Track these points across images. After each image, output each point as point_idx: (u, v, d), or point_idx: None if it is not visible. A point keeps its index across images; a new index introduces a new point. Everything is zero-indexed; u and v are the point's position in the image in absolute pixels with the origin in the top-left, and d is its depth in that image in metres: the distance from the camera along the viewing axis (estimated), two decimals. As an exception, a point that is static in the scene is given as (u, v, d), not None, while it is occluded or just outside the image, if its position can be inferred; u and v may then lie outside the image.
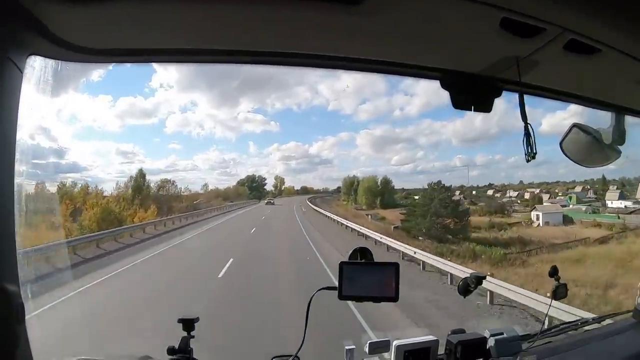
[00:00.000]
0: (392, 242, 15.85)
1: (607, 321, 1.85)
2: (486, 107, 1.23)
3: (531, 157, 1.10)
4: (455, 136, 51.31)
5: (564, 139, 1.38)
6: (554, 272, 1.56)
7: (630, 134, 1.38)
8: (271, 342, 5.85)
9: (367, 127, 63.60)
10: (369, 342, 1.35)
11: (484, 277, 1.53)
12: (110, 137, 55.42)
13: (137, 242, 18.83)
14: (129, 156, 53.00)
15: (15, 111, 0.85)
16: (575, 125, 1.36)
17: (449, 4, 0.86)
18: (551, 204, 32.31)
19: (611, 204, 29.74)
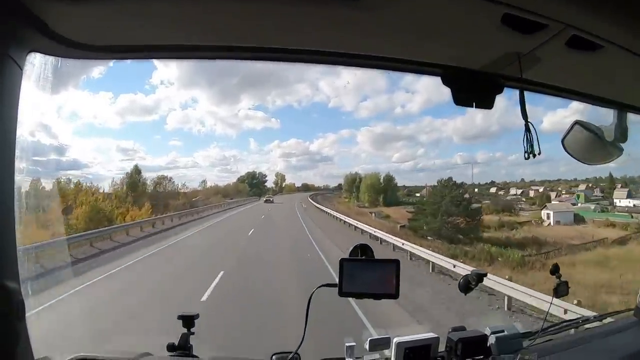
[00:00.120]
0: (406, 244, 14.04)
1: (608, 319, 1.86)
2: (487, 103, 1.23)
3: (531, 154, 1.10)
4: (456, 134, 51.54)
5: (565, 136, 1.38)
6: (555, 269, 1.57)
7: (632, 131, 1.38)
8: None
9: (367, 124, 64.11)
10: (370, 339, 1.36)
11: (485, 275, 1.54)
12: (110, 134, 55.38)
13: (108, 249, 15.31)
14: (129, 153, 52.58)
15: (15, 108, 0.86)
16: (577, 122, 1.36)
17: None
18: (559, 202, 31.69)
19: (619, 202, 29.43)
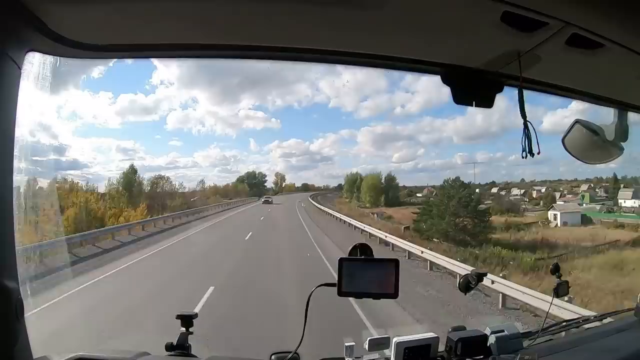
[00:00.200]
0: (426, 252, 12.35)
1: (608, 319, 1.86)
2: (487, 102, 1.24)
3: (529, 154, 1.10)
4: (456, 134, 51.77)
5: (566, 135, 1.38)
6: (555, 269, 1.58)
7: (633, 130, 1.39)
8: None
9: (368, 124, 64.62)
10: (369, 338, 1.36)
11: (485, 274, 1.54)
12: (110, 133, 55.17)
13: (86, 257, 12.91)
14: (129, 153, 53.21)
15: (13, 108, 0.87)
16: (577, 121, 1.36)
17: None
18: (564, 202, 30.96)
19: (624, 202, 28.90)
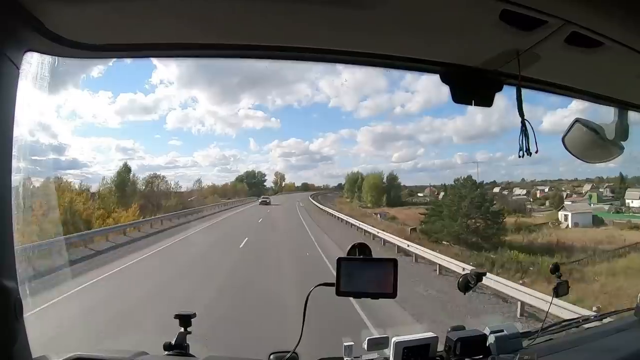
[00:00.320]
0: (452, 262, 11.18)
1: (608, 319, 1.87)
2: (487, 101, 1.25)
3: (527, 153, 1.11)
4: (456, 133, 51.65)
5: (566, 134, 1.39)
6: (555, 269, 1.59)
7: (633, 130, 1.40)
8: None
9: (367, 123, 64.50)
10: (368, 338, 1.37)
11: (484, 274, 1.55)
12: (110, 133, 54.90)
13: (56, 267, 9.55)
14: (129, 152, 52.95)
15: (12, 108, 0.88)
16: (577, 120, 1.37)
17: None
18: (572, 202, 30.09)
19: (632, 203, 28.35)
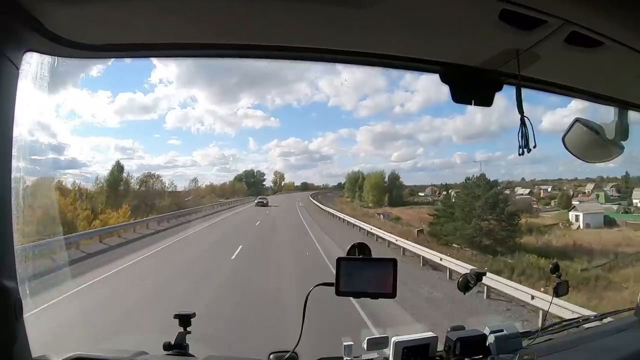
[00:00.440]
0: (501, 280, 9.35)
1: (608, 319, 1.89)
2: (486, 101, 1.26)
3: (526, 150, 1.13)
4: (455, 133, 51.66)
5: (566, 134, 1.40)
6: (555, 269, 1.61)
7: (633, 129, 1.41)
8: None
9: (367, 123, 64.05)
10: (367, 338, 1.38)
11: (484, 274, 1.57)
12: (109, 132, 55.09)
13: None
14: (128, 152, 52.82)
15: (12, 108, 0.89)
16: (577, 120, 1.38)
17: None
18: (580, 202, 29.25)
19: (639, 203, 28.15)
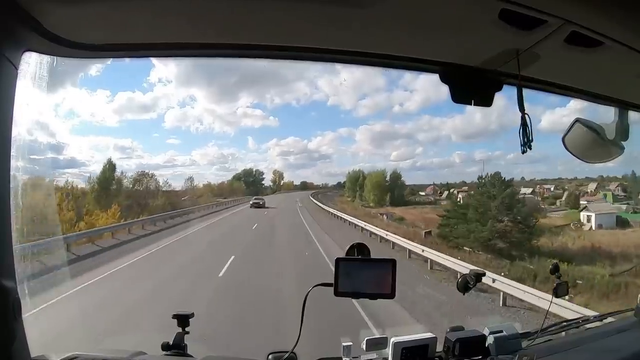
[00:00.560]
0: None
1: (608, 319, 1.90)
2: (486, 101, 1.27)
3: (527, 147, 1.14)
4: (454, 132, 51.94)
5: (566, 134, 1.42)
6: (555, 269, 1.62)
7: (634, 129, 1.42)
8: None
9: (366, 122, 64.66)
10: (366, 338, 1.40)
11: (483, 274, 1.58)
12: (108, 132, 55.89)
13: None
14: (127, 151, 52.52)
15: (10, 108, 0.90)
16: (577, 120, 1.40)
17: None
18: (587, 202, 28.25)
19: None
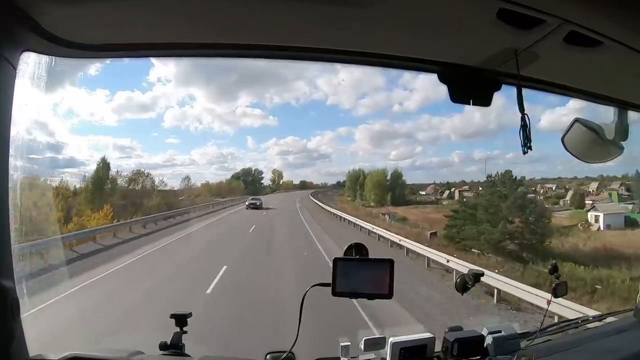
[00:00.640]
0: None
1: (607, 320, 1.92)
2: (485, 101, 1.28)
3: (528, 148, 1.15)
4: (453, 132, 52.07)
5: (565, 134, 1.43)
6: (553, 269, 1.63)
7: (633, 129, 1.43)
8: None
9: (365, 121, 64.87)
10: (364, 338, 1.40)
11: (482, 274, 1.59)
12: (107, 131, 55.74)
13: None
14: (126, 151, 52.91)
15: (9, 107, 0.91)
16: (577, 120, 1.41)
17: None
18: (591, 202, 27.75)
19: None
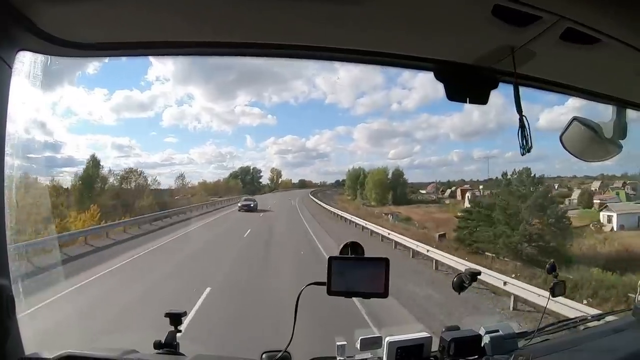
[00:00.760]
0: None
1: (606, 319, 1.93)
2: (482, 98, 1.29)
3: (526, 150, 1.16)
4: (452, 130, 52.07)
5: (564, 132, 1.44)
6: (552, 268, 1.65)
7: (632, 128, 1.44)
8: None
9: (364, 120, 65.21)
10: (361, 338, 1.42)
11: (479, 273, 1.60)
12: (106, 130, 56.12)
13: None
14: (125, 150, 52.78)
15: (5, 107, 0.92)
16: (575, 118, 1.42)
17: None
18: (600, 201, 27.10)
19: None
